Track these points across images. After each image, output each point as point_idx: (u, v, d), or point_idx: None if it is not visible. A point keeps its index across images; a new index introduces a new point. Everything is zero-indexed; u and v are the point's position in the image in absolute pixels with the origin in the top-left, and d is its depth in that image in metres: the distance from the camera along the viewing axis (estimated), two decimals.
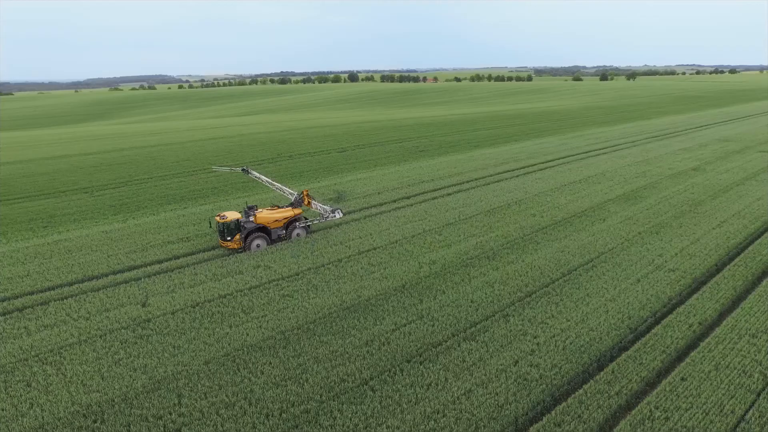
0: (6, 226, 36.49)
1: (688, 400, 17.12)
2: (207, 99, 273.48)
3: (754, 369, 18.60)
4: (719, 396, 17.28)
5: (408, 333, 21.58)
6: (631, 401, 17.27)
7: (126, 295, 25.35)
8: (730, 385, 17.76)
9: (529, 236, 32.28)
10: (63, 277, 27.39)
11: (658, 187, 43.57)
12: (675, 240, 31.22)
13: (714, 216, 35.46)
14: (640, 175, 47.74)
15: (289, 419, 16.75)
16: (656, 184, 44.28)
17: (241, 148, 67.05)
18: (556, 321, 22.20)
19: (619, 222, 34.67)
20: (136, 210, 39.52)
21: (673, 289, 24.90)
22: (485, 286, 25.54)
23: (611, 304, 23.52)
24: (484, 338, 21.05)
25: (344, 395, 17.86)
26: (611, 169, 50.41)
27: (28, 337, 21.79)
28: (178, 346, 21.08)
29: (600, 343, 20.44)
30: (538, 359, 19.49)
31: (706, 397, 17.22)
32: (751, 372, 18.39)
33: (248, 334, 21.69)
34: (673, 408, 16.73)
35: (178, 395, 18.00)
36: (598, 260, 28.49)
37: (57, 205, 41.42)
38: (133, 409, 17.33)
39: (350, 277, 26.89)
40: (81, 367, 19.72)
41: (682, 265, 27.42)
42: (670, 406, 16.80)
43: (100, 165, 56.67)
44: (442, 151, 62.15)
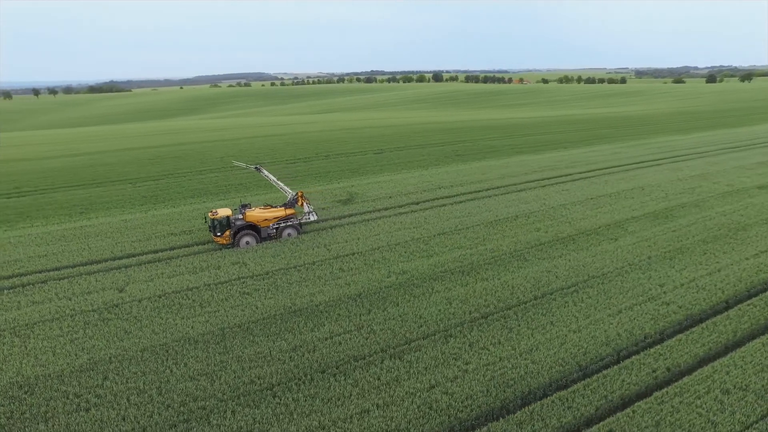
0: (52, 210, 41.26)
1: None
2: (290, 96, 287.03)
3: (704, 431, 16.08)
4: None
5: (338, 343, 21.34)
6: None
7: (111, 281, 27.61)
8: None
9: (521, 252, 30.27)
10: (69, 260, 30.45)
11: (703, 205, 38.66)
12: (689, 268, 27.62)
13: (754, 244, 30.82)
14: (687, 191, 42.63)
15: (184, 413, 17.38)
16: (702, 202, 39.32)
17: (285, 145, 69.69)
18: (499, 348, 20.71)
19: (632, 243, 31.34)
20: (161, 202, 42.73)
21: (655, 325, 22.11)
22: (443, 302, 24.46)
23: (572, 336, 21.45)
24: (411, 357, 20.23)
25: (245, 397, 18.14)
26: (655, 182, 45.54)
27: (16, 311, 24.55)
28: (129, 331, 22.64)
29: (534, 378, 18.76)
30: (456, 387, 18.35)
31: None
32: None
33: (192, 328, 22.70)
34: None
35: (104, 377, 19.37)
36: (585, 284, 26.04)
37: (101, 193, 46.02)
38: (61, 385, 18.94)
39: (313, 281, 27.06)
40: (42, 342, 21.87)
41: (682, 299, 24.22)
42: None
43: (155, 158, 61.93)
44: (480, 157, 59.98)
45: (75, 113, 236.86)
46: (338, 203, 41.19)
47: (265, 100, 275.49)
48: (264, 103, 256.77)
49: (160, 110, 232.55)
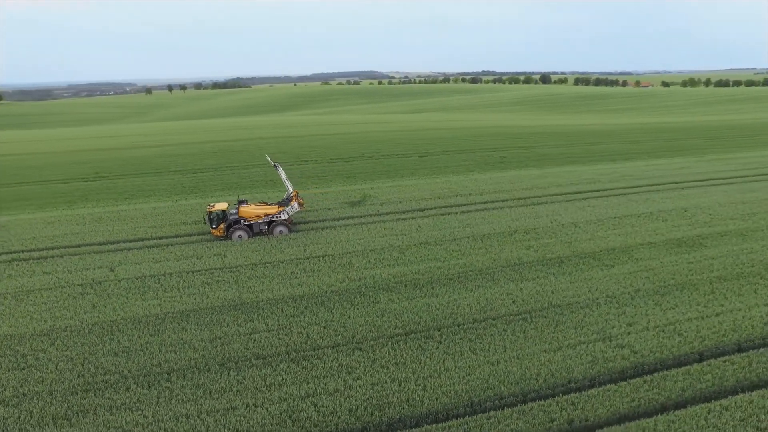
0: (106, 194, 47.37)
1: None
2: (390, 95, 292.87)
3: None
4: None
5: (253, 340, 22.19)
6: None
7: (109, 261, 31.26)
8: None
9: (493, 271, 28.52)
10: (88, 239, 34.98)
11: (751, 236, 32.91)
12: (679, 308, 23.99)
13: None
14: (740, 217, 36.46)
15: (89, 383, 19.40)
16: (751, 232, 33.46)
17: (340, 144, 71.85)
18: (400, 368, 20.06)
19: (628, 272, 27.89)
20: (194, 192, 46.85)
21: (589, 370, 19.63)
22: (375, 314, 24.11)
23: (486, 368, 19.90)
24: (308, 364, 20.40)
25: (144, 377, 19.76)
26: (706, 204, 39.53)
27: (24, 279, 28.97)
28: (95, 306, 25.61)
29: (412, 406, 17.85)
30: (328, 401, 18.22)
31: None
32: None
33: (144, 309, 25.03)
34: None
35: (51, 343, 22.23)
36: (540, 313, 23.91)
37: (152, 181, 51.70)
38: (17, 345, 22.17)
39: (271, 278, 28.17)
40: (28, 307, 25.65)
41: (644, 343, 21.19)
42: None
43: (218, 151, 67.67)
44: (524, 165, 56.65)
45: (197, 107, 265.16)
46: (346, 205, 41.90)
47: (365, 98, 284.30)
48: (363, 101, 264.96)
49: (264, 105, 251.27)
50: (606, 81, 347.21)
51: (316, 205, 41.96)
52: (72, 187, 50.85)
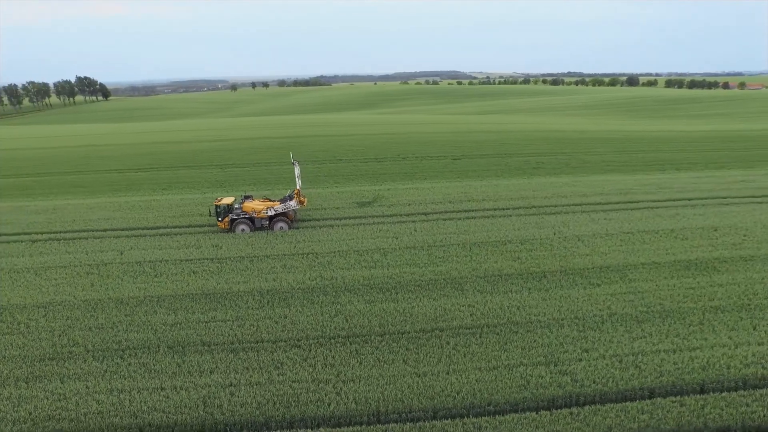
0: (149, 185, 51.80)
1: None
2: (464, 96, 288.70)
3: None
4: None
5: (188, 327, 23.56)
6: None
7: (121, 245, 34.38)
8: None
9: (466, 280, 27.73)
10: (114, 224, 38.64)
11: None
12: (652, 338, 21.93)
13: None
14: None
15: (57, 354, 21.80)
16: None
17: (380, 144, 72.48)
18: (293, 371, 20.37)
19: (611, 294, 25.85)
20: (224, 186, 49.81)
21: (513, 395, 18.50)
22: (328, 314, 24.60)
23: (403, 379, 19.70)
24: (212, 357, 21.22)
25: (87, 353, 21.82)
26: (744, 224, 35.16)
27: (49, 256, 32.77)
28: (93, 284, 28.48)
29: (298, 408, 18.12)
30: (187, 395, 18.99)
31: None
32: None
33: (128, 292, 27.44)
34: None
35: (44, 314, 25.15)
36: (493, 329, 22.99)
37: (193, 174, 55.67)
38: (17, 313, 25.30)
39: (250, 272, 29.54)
40: (41, 282, 29.08)
41: (591, 372, 19.64)
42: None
43: (261, 147, 71.10)
44: (557, 172, 53.70)
45: (275, 104, 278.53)
46: (356, 205, 42.46)
47: (438, 98, 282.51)
48: (435, 102, 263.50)
49: (339, 104, 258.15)
50: (702, 83, 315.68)
51: (327, 203, 43.00)
52: (123, 177, 56.19)
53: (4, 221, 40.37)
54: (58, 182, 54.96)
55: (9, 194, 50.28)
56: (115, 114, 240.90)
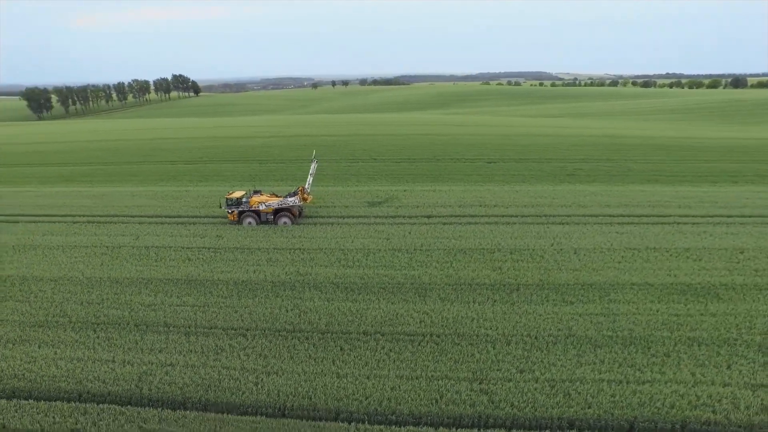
0: (191, 175, 55.91)
1: None
2: (542, 98, 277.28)
3: None
4: None
5: (158, 309, 25.46)
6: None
7: (140, 231, 37.76)
8: None
9: (434, 287, 27.31)
10: (145, 212, 42.45)
11: None
12: (599, 366, 20.38)
13: None
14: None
15: (57, 323, 24.88)
16: None
17: (422, 145, 72.18)
18: (247, 359, 21.41)
19: (580, 313, 24.18)
20: (255, 181, 52.51)
21: (420, 407, 18.32)
22: (285, 308, 25.59)
23: (320, 378, 20.19)
24: (171, 338, 22.83)
25: (69, 324, 24.49)
26: (761, 246, 30.95)
27: (79, 237, 36.89)
28: (102, 264, 31.81)
29: (210, 392, 19.20)
30: (158, 371, 20.41)
31: None
32: None
33: (121, 274, 30.28)
34: None
35: (52, 287, 28.59)
36: (435, 338, 22.66)
37: (234, 168, 59.23)
38: (31, 284, 28.91)
39: (236, 262, 31.30)
40: (64, 259, 32.96)
41: (515, 395, 18.70)
42: None
43: (309, 144, 73.63)
44: (592, 180, 50.23)
45: (350, 102, 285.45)
46: (366, 204, 42.97)
47: (514, 99, 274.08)
48: (509, 103, 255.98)
49: (413, 103, 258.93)
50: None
51: (340, 201, 43.96)
52: (173, 168, 61.24)
53: (58, 204, 45.88)
54: (117, 171, 61.11)
55: (74, 180, 56.85)
56: (200, 109, 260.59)
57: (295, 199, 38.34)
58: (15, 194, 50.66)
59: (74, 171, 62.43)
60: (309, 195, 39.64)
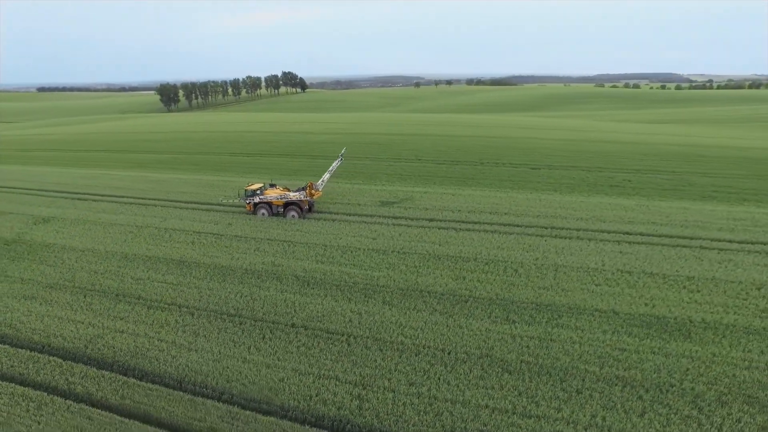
0: (235, 167, 60.70)
1: None
2: (658, 101, 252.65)
3: None
4: None
5: (143, 284, 28.67)
6: None
7: (168, 214, 42.38)
8: None
9: (385, 289, 27.49)
10: (181, 197, 47.36)
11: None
12: (494, 392, 19.43)
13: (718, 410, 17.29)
14: None
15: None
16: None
17: (468, 146, 70.42)
18: (183, 333, 23.50)
19: (514, 335, 22.83)
20: (290, 175, 55.55)
21: (274, 396, 19.13)
22: (242, 295, 27.57)
23: (229, 360, 21.58)
24: (137, 310, 25.63)
25: (53, 287, 28.67)
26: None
27: (120, 215, 42.54)
28: (125, 241, 36.59)
29: (142, 361, 21.41)
30: (122, 337, 23.26)
31: None
32: None
33: (134, 250, 34.56)
34: None
35: (77, 258, 33.66)
36: (351, 339, 23.16)
37: (281, 162, 63.11)
38: (59, 252, 34.29)
39: (228, 249, 34.10)
40: (98, 233, 38.45)
41: (385, 407, 18.82)
42: None
43: (366, 142, 75.66)
44: (634, 192, 45.26)
45: (444, 101, 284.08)
46: (379, 203, 43.55)
47: (622, 103, 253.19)
48: (618, 107, 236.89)
49: (508, 104, 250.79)
50: None
51: (355, 199, 45.11)
52: (231, 159, 66.96)
53: (123, 186, 52.90)
54: (185, 159, 68.37)
55: (147, 166, 64.78)
56: (302, 104, 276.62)
57: (301, 194, 40.31)
58: (97, 176, 59.26)
59: (152, 158, 71.03)
60: (317, 191, 41.37)
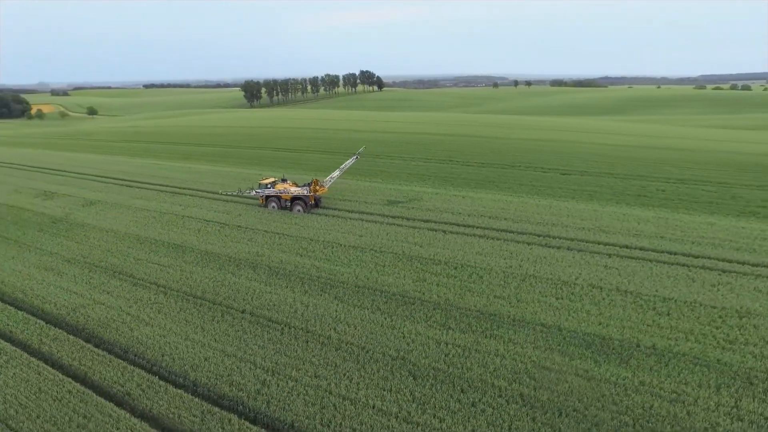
0: (267, 161, 63.87)
1: None
2: (763, 105, 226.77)
3: None
4: None
5: (136, 264, 31.60)
6: None
7: (189, 203, 46.10)
8: None
9: (334, 284, 28.25)
10: (208, 187, 51.17)
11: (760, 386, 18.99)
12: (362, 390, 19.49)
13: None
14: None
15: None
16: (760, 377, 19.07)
17: (504, 149, 68.17)
18: (132, 305, 25.86)
19: (439, 341, 22.56)
20: (324, 171, 57.55)
21: (170, 361, 20.45)
22: (205, 278, 29.68)
23: (170, 336, 23.49)
24: (116, 282, 28.50)
25: (74, 262, 32.54)
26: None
27: (150, 202, 47.09)
28: (145, 224, 40.67)
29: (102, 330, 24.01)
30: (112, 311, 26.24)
31: None
32: None
33: (147, 234, 38.31)
34: None
35: (95, 233, 37.95)
36: (260, 322, 24.06)
37: (321, 158, 65.47)
38: (88, 230, 38.85)
39: (224, 238, 36.81)
40: (125, 217, 43.03)
41: (250, 385, 19.62)
42: None
43: (405, 141, 76.20)
44: (663, 203, 41.36)
45: (519, 103, 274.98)
46: (386, 202, 44.06)
47: (719, 107, 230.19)
48: (718, 111, 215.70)
49: (587, 107, 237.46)
50: None
51: (364, 197, 46.00)
52: (263, 153, 70.81)
53: (167, 176, 58.00)
54: (236, 154, 73.21)
55: (196, 158, 70.16)
56: (377, 102, 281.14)
57: (304, 190, 42.01)
58: (149, 165, 65.43)
59: (204, 151, 76.86)
60: (322, 187, 42.85)
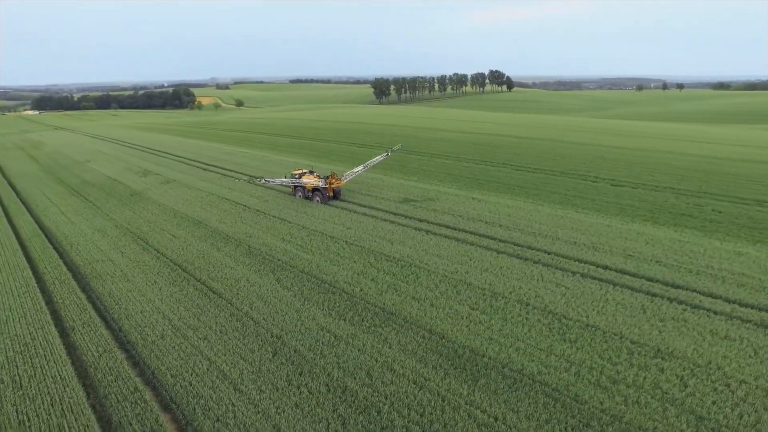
0: (308, 151, 67.71)
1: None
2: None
3: None
4: None
5: (176, 242, 37.36)
6: None
7: (232, 186, 52.02)
8: None
9: (301, 274, 30.31)
10: (254, 172, 56.55)
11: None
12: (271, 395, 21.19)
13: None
14: None
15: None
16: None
17: (571, 155, 62.79)
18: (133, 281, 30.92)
19: (364, 346, 23.42)
20: (332, 158, 59.84)
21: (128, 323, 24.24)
22: (193, 252, 33.90)
23: (129, 295, 27.93)
24: (133, 248, 34.15)
25: (120, 229, 39.51)
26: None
27: (209, 184, 54.17)
28: (189, 202, 47.03)
29: None
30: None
31: None
32: None
33: (184, 210, 44.67)
34: None
35: (141, 202, 45.32)
36: (225, 302, 26.95)
37: (354, 150, 67.92)
38: (136, 199, 46.50)
39: (237, 219, 41.59)
40: (185, 194, 50.11)
41: (176, 369, 22.51)
42: None
43: (471, 142, 74.81)
44: (703, 225, 35.07)
45: (660, 108, 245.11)
46: (400, 200, 44.81)
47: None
48: None
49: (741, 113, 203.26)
50: None
51: (383, 193, 47.20)
52: (335, 147, 74.81)
53: (236, 161, 65.36)
54: (313, 146, 78.84)
55: (282, 149, 77.13)
56: (501, 103, 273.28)
57: (322, 182, 44.90)
58: (233, 152, 73.97)
59: (291, 142, 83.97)
60: (339, 180, 45.27)
